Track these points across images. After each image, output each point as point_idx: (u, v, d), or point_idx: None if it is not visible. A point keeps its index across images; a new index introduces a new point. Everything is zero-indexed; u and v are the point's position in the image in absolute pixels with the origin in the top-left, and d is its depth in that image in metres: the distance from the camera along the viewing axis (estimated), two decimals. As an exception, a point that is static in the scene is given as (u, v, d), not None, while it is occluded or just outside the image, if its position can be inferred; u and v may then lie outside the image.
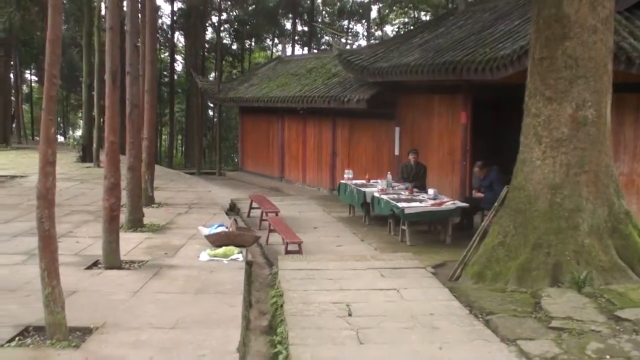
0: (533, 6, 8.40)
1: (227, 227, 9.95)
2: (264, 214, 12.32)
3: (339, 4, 39.30)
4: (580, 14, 7.81)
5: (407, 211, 10.64)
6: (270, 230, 11.09)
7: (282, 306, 6.90)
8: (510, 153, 8.87)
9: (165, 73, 40.06)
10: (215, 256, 8.75)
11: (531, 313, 6.61)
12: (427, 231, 11.86)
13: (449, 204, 11.03)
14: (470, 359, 5.40)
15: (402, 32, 33.05)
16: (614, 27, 8.30)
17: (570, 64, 7.86)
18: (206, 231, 9.74)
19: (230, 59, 41.56)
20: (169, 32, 39.27)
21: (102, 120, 19.37)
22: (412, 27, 30.92)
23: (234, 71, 40.92)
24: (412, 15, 38.03)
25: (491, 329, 6.18)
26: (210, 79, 34.71)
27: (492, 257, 8.26)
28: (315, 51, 34.63)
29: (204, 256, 8.76)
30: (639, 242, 8.06)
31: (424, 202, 11.12)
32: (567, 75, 7.90)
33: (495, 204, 8.88)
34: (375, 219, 12.67)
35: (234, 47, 41.91)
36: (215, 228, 9.73)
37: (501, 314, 6.56)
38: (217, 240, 9.31)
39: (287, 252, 9.81)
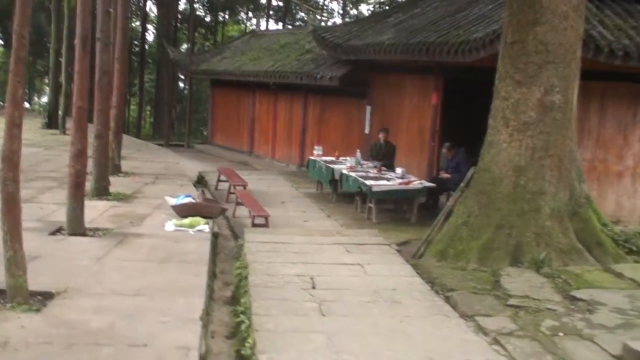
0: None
1: (194, 199, 9.93)
2: (232, 187, 12.32)
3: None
4: (552, 0, 7.91)
5: (374, 189, 10.73)
6: (238, 203, 11.11)
7: (246, 277, 6.94)
8: (479, 135, 8.99)
9: (136, 42, 39.44)
10: (181, 226, 8.74)
11: (490, 291, 6.76)
12: (393, 210, 11.98)
13: (416, 183, 11.15)
14: (429, 333, 5.51)
15: (377, 11, 33.00)
16: (584, 15, 8.43)
17: (540, 49, 7.97)
18: (173, 201, 9.71)
19: (203, 31, 41.09)
20: (141, 1, 38.64)
21: (69, 87, 19.10)
22: (387, 7, 30.84)
23: (207, 43, 40.49)
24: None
25: (451, 305, 6.31)
26: (182, 50, 34.30)
27: (455, 237, 8.41)
28: (290, 27, 34.42)
29: (170, 226, 8.74)
30: (597, 226, 8.27)
31: (392, 180, 11.23)
32: (537, 60, 8.01)
33: (461, 184, 9.00)
34: (342, 196, 12.75)
35: (207, 19, 41.43)
36: (182, 199, 9.71)
37: (461, 291, 6.69)
38: (183, 211, 9.29)
39: (254, 225, 9.84)
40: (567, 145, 8.26)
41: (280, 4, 39.75)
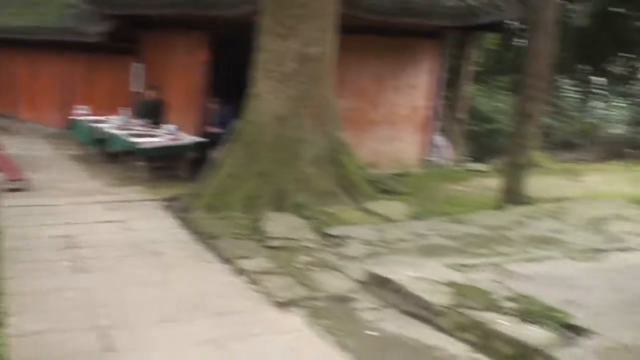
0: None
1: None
2: (-13, 153, 11.35)
3: None
4: None
5: (142, 146, 10.50)
6: (-6, 169, 10.28)
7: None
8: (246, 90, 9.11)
9: None
10: None
11: (252, 235, 7.00)
12: (164, 167, 11.80)
13: (186, 139, 11.10)
14: (188, 279, 5.61)
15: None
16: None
17: (299, 2, 8.25)
18: None
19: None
20: None
21: None
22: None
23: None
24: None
25: (213, 251, 6.45)
26: None
27: (222, 188, 8.52)
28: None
29: None
30: (353, 170, 8.85)
31: (160, 137, 11.06)
32: (296, 13, 8.28)
33: (228, 136, 9.12)
34: (110, 155, 12.30)
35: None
36: None
37: (224, 238, 6.86)
38: None
39: (11, 189, 9.19)
40: (325, 96, 8.68)
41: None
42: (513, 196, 8.49)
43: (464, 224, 7.19)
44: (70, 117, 13.88)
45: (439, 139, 12.35)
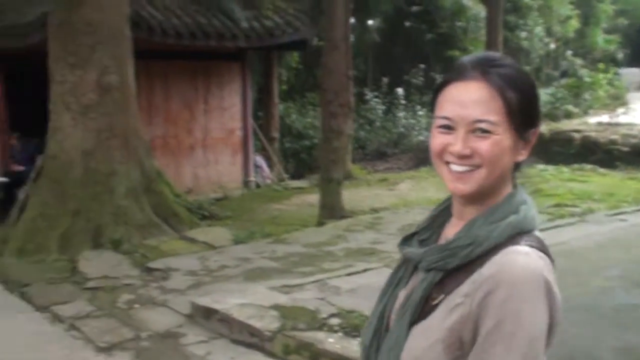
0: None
1: None
2: None
3: None
4: None
5: None
6: None
7: None
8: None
9: None
10: None
11: (69, 278, 6.66)
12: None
13: (-14, 179, 10.29)
14: (2, 331, 5.20)
15: None
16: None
17: (89, 30, 7.96)
18: None
19: None
20: None
21: None
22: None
23: None
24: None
25: (26, 299, 6.04)
26: None
27: (33, 230, 8.00)
28: None
29: None
30: (170, 198, 8.71)
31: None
32: (87, 41, 7.98)
33: (31, 175, 8.59)
34: None
35: None
36: None
37: (38, 284, 6.45)
38: None
39: None
40: (131, 124, 8.46)
41: None
42: (332, 211, 8.76)
43: (288, 244, 7.33)
44: None
45: (258, 159, 12.50)
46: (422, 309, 1.36)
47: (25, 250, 7.84)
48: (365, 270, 6.16)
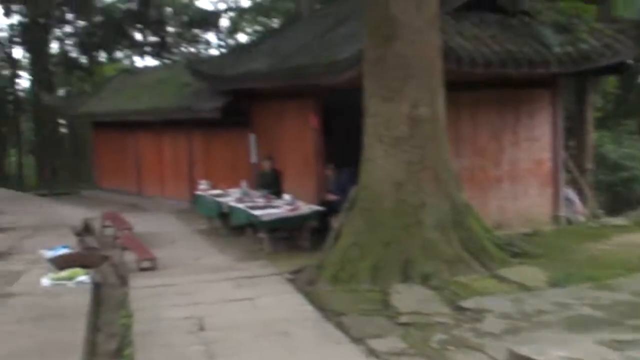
0: (365, 8, 8.62)
1: (72, 249, 9.42)
2: (118, 232, 11.80)
3: (187, 15, 38.46)
4: (406, 15, 8.08)
5: (263, 219, 10.56)
6: (124, 248, 10.62)
7: (131, 327, 6.59)
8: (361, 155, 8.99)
9: (9, 90, 37.56)
10: (59, 280, 8.22)
11: (381, 311, 6.73)
12: (287, 238, 11.80)
13: (305, 208, 11.06)
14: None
15: (251, 39, 32.95)
16: (441, 27, 8.65)
17: (401, 64, 8.12)
18: (50, 254, 9.17)
19: (81, 72, 39.66)
20: (9, 47, 36.80)
21: None
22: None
23: (85, 85, 39.08)
24: (265, 23, 38.05)
25: (342, 330, 6.21)
26: (61, 94, 32.96)
27: (345, 259, 8.34)
28: (167, 61, 33.77)
29: (47, 281, 8.22)
30: (480, 233, 8.45)
31: (280, 208, 11.09)
32: (399, 75, 8.15)
33: (345, 204, 8.98)
34: (233, 229, 12.48)
35: (83, 60, 40.04)
36: (59, 250, 9.18)
37: (352, 315, 6.62)
38: (62, 263, 8.77)
39: (141, 269, 9.42)
40: (441, 157, 8.42)
41: (156, 39, 38.91)
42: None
43: (614, 291, 6.60)
44: (195, 192, 14.29)
45: (570, 193, 11.68)
46: None
47: (338, 278, 8.18)
48: None
